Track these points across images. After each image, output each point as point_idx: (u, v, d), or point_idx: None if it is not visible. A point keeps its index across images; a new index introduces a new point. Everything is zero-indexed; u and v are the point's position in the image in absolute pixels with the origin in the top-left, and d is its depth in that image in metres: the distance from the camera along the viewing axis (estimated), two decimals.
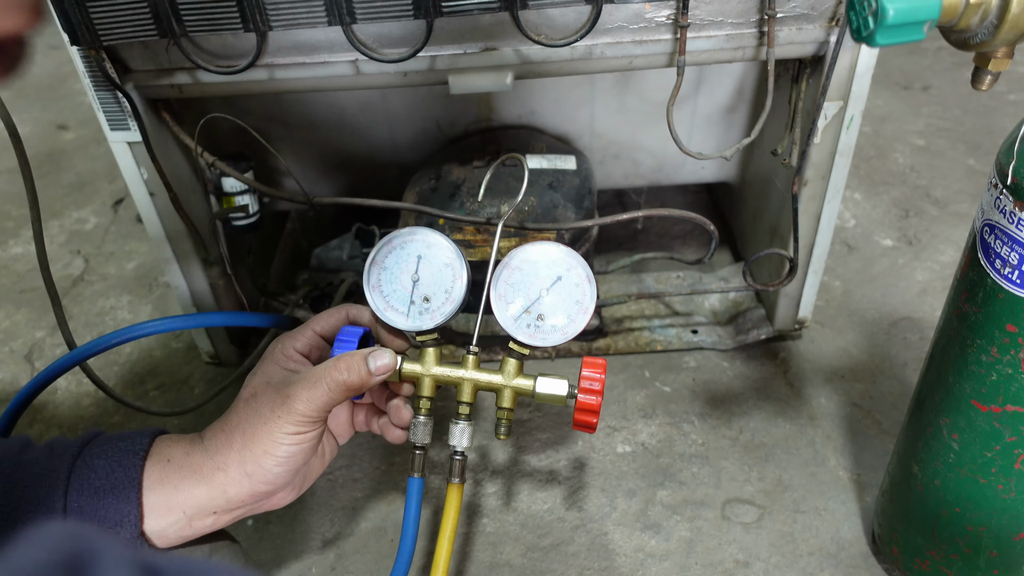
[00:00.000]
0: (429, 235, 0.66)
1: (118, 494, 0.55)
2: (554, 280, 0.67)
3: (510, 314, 0.66)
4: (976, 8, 0.52)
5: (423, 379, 0.67)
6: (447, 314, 0.66)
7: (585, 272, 0.66)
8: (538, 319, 0.66)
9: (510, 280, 0.67)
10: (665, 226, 1.56)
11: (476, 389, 0.67)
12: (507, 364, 0.67)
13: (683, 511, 1.02)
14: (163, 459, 0.58)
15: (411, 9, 0.80)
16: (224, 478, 0.57)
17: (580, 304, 0.66)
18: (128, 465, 0.56)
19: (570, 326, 0.66)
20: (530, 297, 0.66)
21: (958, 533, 0.79)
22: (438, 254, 0.66)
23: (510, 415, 0.68)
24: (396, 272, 0.67)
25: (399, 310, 0.66)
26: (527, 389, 0.67)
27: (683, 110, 1.24)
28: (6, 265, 1.58)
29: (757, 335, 1.24)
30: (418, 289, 0.66)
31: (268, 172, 1.29)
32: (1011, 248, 0.62)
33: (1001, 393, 0.68)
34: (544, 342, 0.66)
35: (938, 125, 1.87)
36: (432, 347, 0.67)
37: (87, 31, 0.81)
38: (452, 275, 0.66)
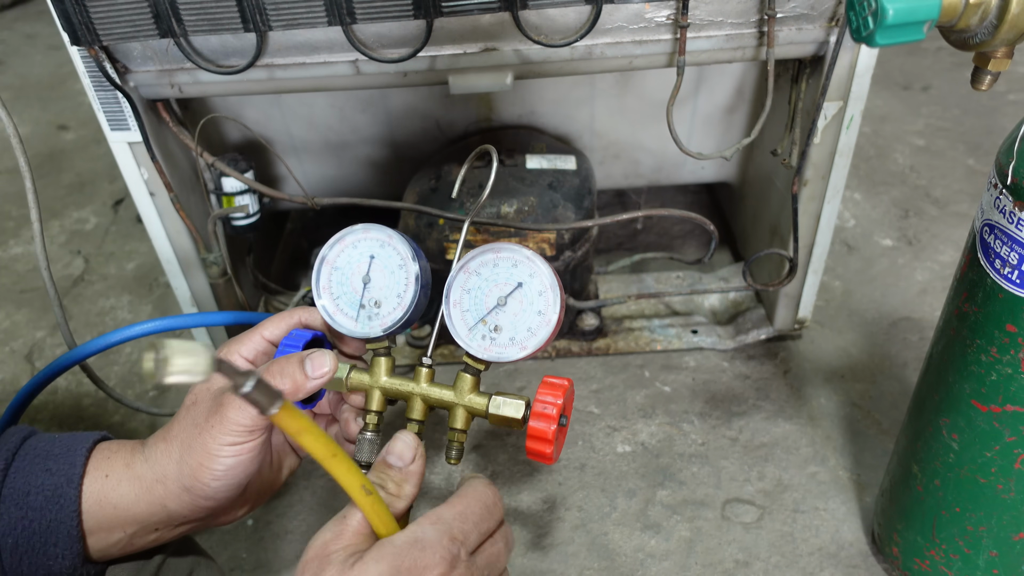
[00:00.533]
0: (384, 233, 0.60)
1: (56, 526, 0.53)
2: (514, 287, 0.59)
3: (464, 323, 0.59)
4: (976, 8, 0.52)
5: (371, 391, 0.60)
6: (397, 320, 0.59)
7: (549, 279, 0.58)
8: (494, 330, 0.59)
9: (466, 285, 0.59)
10: (665, 226, 1.57)
11: (427, 406, 0.60)
12: (461, 380, 0.60)
13: (683, 511, 1.02)
14: (101, 475, 0.54)
15: (411, 9, 0.80)
16: (164, 491, 0.54)
17: (543, 315, 0.58)
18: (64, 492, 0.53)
19: (530, 339, 0.58)
20: (487, 305, 0.59)
21: (958, 533, 0.79)
22: (392, 255, 0.60)
23: (462, 437, 0.60)
24: (347, 272, 0.61)
25: (348, 314, 0.60)
26: (481, 408, 0.59)
27: (683, 110, 1.24)
28: (6, 265, 1.58)
29: (757, 335, 1.24)
30: (368, 292, 0.60)
31: (268, 172, 1.29)
32: (1011, 248, 0.62)
33: (1001, 393, 0.68)
34: (500, 357, 0.58)
35: (938, 125, 1.87)
36: (383, 356, 0.61)
37: (87, 31, 0.81)
38: (405, 278, 0.60)
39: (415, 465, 0.52)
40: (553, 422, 0.56)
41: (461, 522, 0.48)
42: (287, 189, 1.30)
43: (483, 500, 0.51)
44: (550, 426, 0.56)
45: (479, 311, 0.59)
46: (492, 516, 0.51)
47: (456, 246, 0.98)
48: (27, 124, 2.12)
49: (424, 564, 0.45)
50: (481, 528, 0.50)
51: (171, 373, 0.35)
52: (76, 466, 0.54)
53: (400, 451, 0.53)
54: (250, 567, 0.98)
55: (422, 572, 0.45)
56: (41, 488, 0.53)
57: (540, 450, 0.56)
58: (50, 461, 0.54)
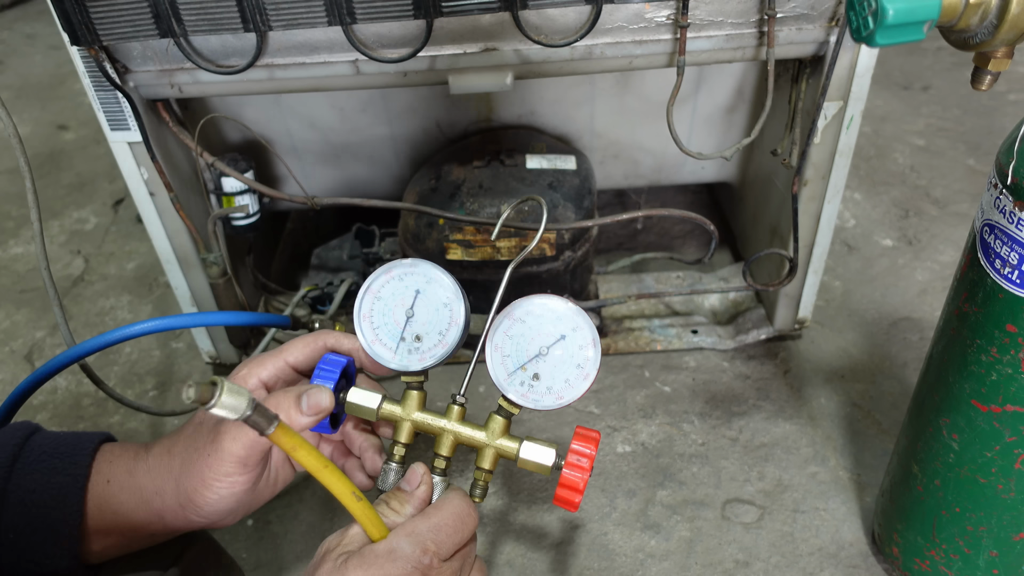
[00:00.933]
0: (431, 270, 0.61)
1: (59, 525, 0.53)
2: (557, 339, 0.61)
3: (504, 368, 0.61)
4: (976, 8, 0.52)
5: (401, 423, 0.61)
6: (438, 357, 0.61)
7: (592, 335, 0.60)
8: (534, 378, 0.61)
9: (510, 332, 0.61)
10: (665, 226, 1.56)
11: (456, 443, 0.61)
12: (493, 422, 0.61)
13: (683, 511, 1.02)
14: (103, 480, 0.55)
15: (411, 9, 0.80)
16: (161, 504, 0.55)
17: (581, 369, 0.60)
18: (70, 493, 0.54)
19: (567, 391, 0.61)
20: (528, 353, 0.61)
21: (958, 533, 0.79)
22: (438, 292, 0.61)
23: (488, 477, 0.62)
24: (391, 304, 0.62)
25: (388, 345, 0.61)
26: (511, 452, 0.61)
27: (683, 110, 1.24)
28: (6, 265, 1.58)
29: (757, 335, 1.24)
30: (411, 326, 0.61)
31: (268, 172, 1.29)
32: (1011, 248, 0.62)
33: (1001, 393, 0.68)
34: (536, 404, 0.61)
35: (938, 125, 1.87)
36: (416, 390, 0.62)
37: (87, 31, 0.81)
38: (449, 317, 0.61)
39: (420, 491, 0.56)
40: (586, 474, 0.59)
41: (435, 534, 0.52)
42: (287, 189, 1.30)
43: (458, 513, 0.55)
44: (583, 477, 0.59)
45: (520, 358, 0.61)
46: (466, 526, 0.55)
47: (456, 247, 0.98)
48: (27, 124, 2.12)
49: (395, 574, 0.49)
50: (454, 539, 0.54)
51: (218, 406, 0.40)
52: (81, 467, 0.54)
53: (409, 478, 0.57)
54: (250, 567, 0.98)
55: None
56: (47, 486, 0.53)
57: (570, 499, 0.59)
58: (56, 460, 0.54)
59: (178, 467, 0.55)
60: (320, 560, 0.52)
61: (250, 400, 0.42)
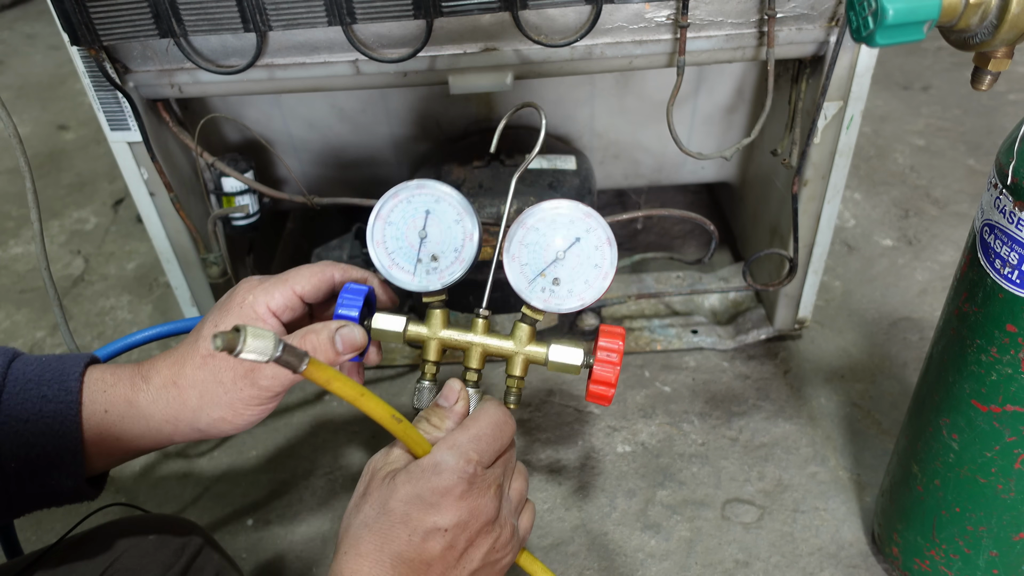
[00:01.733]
0: (439, 188, 0.62)
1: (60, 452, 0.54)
2: (572, 242, 0.62)
3: (524, 276, 0.62)
4: (976, 8, 0.52)
5: (429, 342, 0.63)
6: (456, 274, 0.62)
7: (606, 234, 0.62)
8: (554, 283, 0.62)
9: (525, 240, 0.62)
10: (665, 226, 1.56)
11: (485, 355, 0.63)
12: (519, 330, 0.63)
13: (683, 511, 1.02)
14: (100, 409, 0.56)
15: (411, 9, 0.80)
16: (172, 430, 0.57)
17: (599, 268, 0.62)
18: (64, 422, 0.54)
19: (588, 291, 0.62)
20: (546, 259, 0.62)
21: (958, 533, 0.79)
22: (448, 209, 0.62)
23: (520, 384, 0.64)
24: (402, 228, 0.62)
25: (405, 268, 0.63)
26: (539, 357, 0.63)
27: (683, 110, 1.24)
28: (6, 265, 1.58)
29: (757, 335, 1.24)
30: (425, 247, 0.62)
31: (268, 172, 1.29)
32: (1011, 248, 0.62)
33: (1001, 393, 0.68)
34: (559, 308, 0.62)
35: (938, 125, 1.87)
36: (439, 309, 0.63)
37: (87, 31, 0.81)
38: (463, 233, 0.62)
39: (458, 406, 0.59)
40: (616, 367, 0.60)
41: (476, 443, 0.55)
42: (287, 189, 1.30)
43: (495, 421, 0.57)
44: (614, 370, 0.60)
45: (538, 265, 0.62)
46: (504, 433, 0.57)
47: None
48: (27, 124, 2.12)
49: (443, 485, 0.52)
50: (495, 447, 0.56)
51: (245, 351, 0.41)
52: (72, 392, 0.55)
53: (446, 394, 0.59)
54: (250, 567, 0.98)
55: (442, 493, 0.52)
56: (40, 416, 0.54)
57: (604, 394, 0.61)
58: (44, 387, 0.55)
59: (196, 400, 0.57)
60: (368, 479, 0.55)
61: (276, 341, 0.42)
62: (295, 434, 1.15)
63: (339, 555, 0.52)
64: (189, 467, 1.12)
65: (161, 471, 1.11)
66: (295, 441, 1.14)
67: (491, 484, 0.54)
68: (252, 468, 1.11)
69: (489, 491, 0.54)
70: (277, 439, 1.15)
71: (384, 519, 0.51)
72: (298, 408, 1.19)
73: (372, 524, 0.52)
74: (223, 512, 1.05)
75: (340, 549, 0.52)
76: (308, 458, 1.12)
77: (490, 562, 0.55)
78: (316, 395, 1.21)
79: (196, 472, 1.11)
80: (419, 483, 0.52)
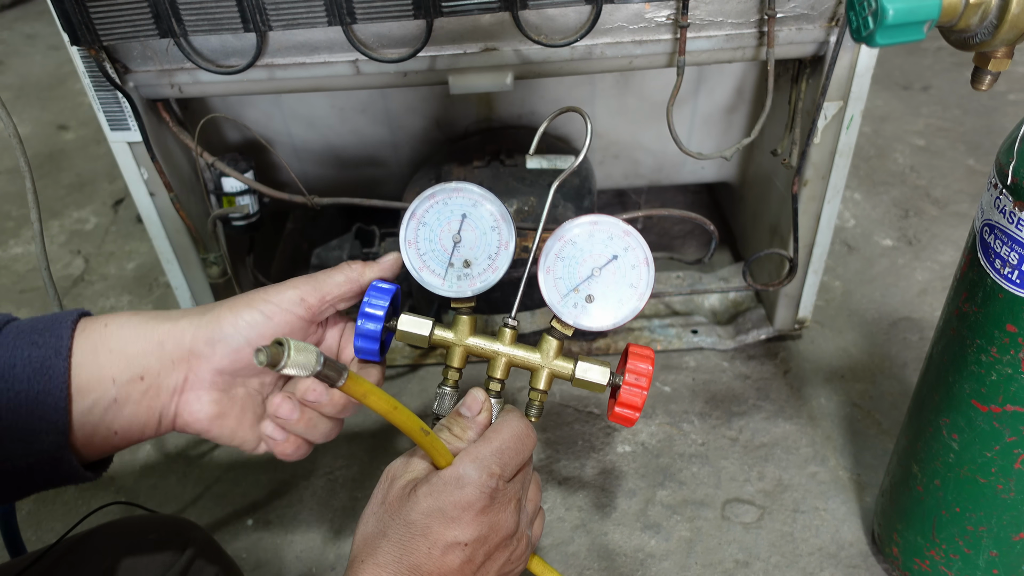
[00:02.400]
0: (476, 192, 0.60)
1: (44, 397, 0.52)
2: (609, 259, 0.60)
3: (557, 291, 0.60)
4: (976, 8, 0.52)
5: (454, 348, 0.61)
6: (489, 282, 0.60)
7: (644, 254, 0.60)
8: (587, 299, 0.60)
9: (561, 253, 0.60)
10: (665, 226, 1.56)
11: (510, 366, 0.62)
12: (546, 343, 0.61)
13: (683, 511, 1.02)
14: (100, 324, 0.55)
15: (411, 9, 0.80)
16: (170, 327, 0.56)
17: (635, 288, 0.60)
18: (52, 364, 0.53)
19: (620, 310, 0.60)
20: (581, 275, 0.60)
21: (958, 533, 0.79)
22: (485, 215, 0.60)
23: (543, 397, 0.62)
24: (436, 230, 0.61)
25: (436, 272, 0.61)
26: (566, 372, 0.61)
27: (683, 110, 1.24)
28: (6, 265, 1.58)
29: (757, 335, 1.24)
30: (459, 251, 0.61)
31: (268, 172, 1.29)
32: (1011, 248, 0.62)
33: (1001, 393, 0.68)
34: (590, 325, 0.60)
35: (938, 125, 1.87)
36: (467, 315, 0.62)
37: (87, 31, 0.81)
38: (498, 240, 0.60)
39: (481, 417, 0.58)
40: (645, 391, 0.59)
41: (499, 457, 0.54)
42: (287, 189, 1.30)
43: (517, 435, 0.57)
44: (643, 394, 0.60)
45: (573, 280, 0.60)
46: (525, 448, 0.57)
47: None
48: (27, 124, 2.12)
49: (465, 500, 0.52)
50: (516, 460, 0.56)
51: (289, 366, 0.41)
52: (63, 338, 0.53)
53: (470, 404, 0.58)
54: (250, 567, 0.98)
55: (464, 508, 0.52)
56: (28, 360, 0.52)
57: (629, 417, 0.60)
58: (35, 335, 0.53)
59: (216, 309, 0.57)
60: (388, 487, 0.54)
61: (318, 355, 0.43)
62: None
63: (355, 562, 0.51)
64: (189, 467, 1.11)
65: (161, 471, 1.11)
66: None
67: (511, 498, 0.55)
68: (252, 468, 1.11)
69: (509, 505, 0.54)
70: None
71: (404, 531, 0.51)
72: None
73: (391, 535, 0.51)
74: (223, 512, 1.05)
75: (357, 557, 0.52)
76: (308, 458, 1.11)
77: (504, 573, 0.55)
78: None
79: (196, 472, 1.11)
80: (441, 496, 0.52)
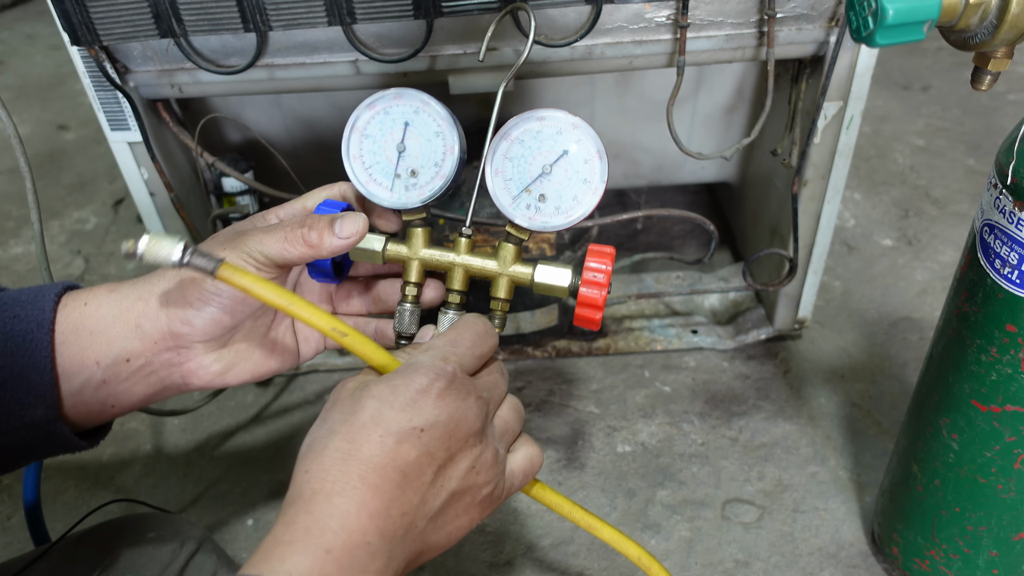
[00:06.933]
0: (418, 98, 0.59)
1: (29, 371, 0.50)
2: (559, 155, 0.58)
3: (508, 192, 0.59)
4: (976, 8, 0.52)
5: (410, 262, 0.60)
6: (435, 190, 0.58)
7: (596, 146, 0.58)
8: (539, 199, 0.59)
9: (508, 153, 0.59)
10: (665, 226, 1.57)
11: (468, 276, 0.60)
12: (504, 249, 0.60)
13: (683, 511, 1.02)
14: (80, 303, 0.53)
15: (411, 9, 0.80)
16: (142, 310, 0.52)
17: (588, 184, 0.58)
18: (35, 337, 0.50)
19: (576, 208, 0.59)
20: (531, 174, 0.59)
21: (958, 533, 0.79)
22: (428, 121, 0.59)
23: (505, 306, 0.61)
24: (380, 141, 0.59)
25: (382, 184, 0.59)
26: (525, 277, 0.60)
27: (683, 110, 1.24)
28: (6, 265, 1.58)
29: (757, 335, 1.24)
30: (404, 161, 0.59)
31: (268, 172, 1.29)
32: (1011, 248, 0.62)
33: (1001, 393, 0.68)
34: (545, 226, 0.59)
35: (938, 125, 1.87)
36: (420, 227, 0.60)
37: (87, 31, 0.81)
38: (443, 146, 0.59)
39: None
40: (604, 289, 0.57)
41: (453, 346, 0.51)
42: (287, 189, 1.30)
43: (474, 328, 0.53)
44: (601, 293, 0.57)
45: (523, 180, 0.59)
46: (485, 342, 0.53)
47: None
48: (27, 124, 2.12)
49: (419, 383, 0.46)
50: (475, 352, 0.52)
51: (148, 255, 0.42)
52: (46, 311, 0.52)
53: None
54: None
55: (418, 391, 0.46)
56: (10, 334, 0.50)
57: (590, 316, 0.58)
58: (18, 308, 0.52)
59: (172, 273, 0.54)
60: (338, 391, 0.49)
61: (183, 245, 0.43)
62: (295, 434, 1.15)
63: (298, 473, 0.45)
64: (189, 467, 1.12)
65: (161, 471, 1.11)
66: (295, 441, 1.14)
67: (471, 391, 0.49)
68: (252, 468, 1.11)
69: (470, 397, 0.48)
70: (277, 439, 1.15)
71: (352, 420, 0.46)
72: (298, 408, 1.19)
73: (339, 429, 0.45)
74: (223, 512, 1.05)
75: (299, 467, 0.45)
76: None
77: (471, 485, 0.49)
78: (316, 395, 1.21)
79: (196, 472, 1.11)
80: (392, 382, 0.47)
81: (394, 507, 0.44)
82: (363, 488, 0.43)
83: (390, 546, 0.44)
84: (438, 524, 0.47)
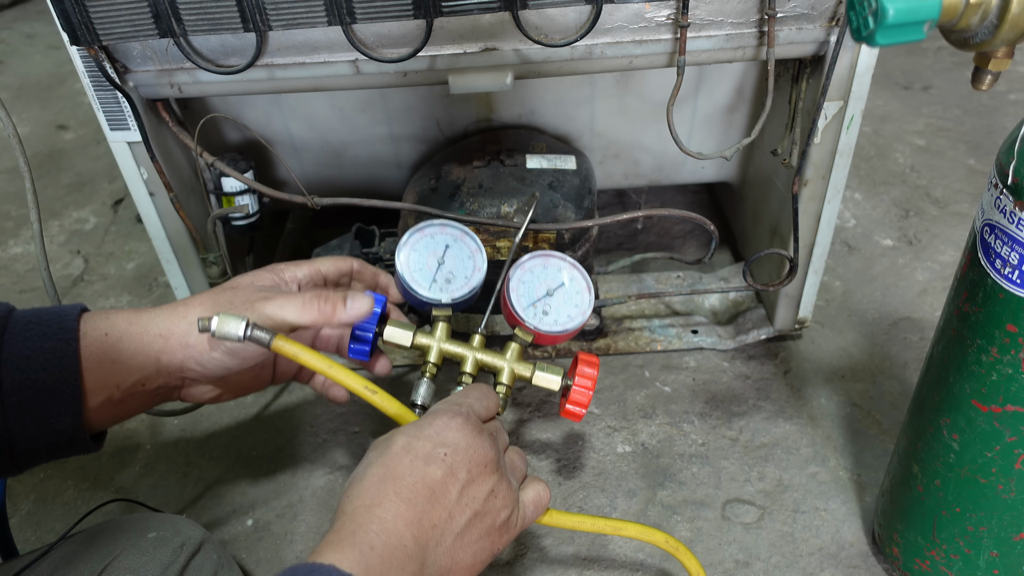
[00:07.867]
0: (458, 230, 0.81)
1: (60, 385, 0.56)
2: (559, 284, 0.81)
3: (520, 304, 0.79)
4: (976, 8, 0.52)
5: (431, 348, 0.75)
6: (464, 294, 0.78)
7: (586, 283, 0.81)
8: (544, 312, 0.80)
9: (523, 278, 0.80)
10: (665, 226, 1.56)
11: (479, 365, 0.76)
12: (510, 347, 0.77)
13: (683, 511, 1.02)
14: (100, 335, 0.59)
15: (411, 9, 0.80)
16: (162, 347, 0.60)
17: (579, 308, 0.81)
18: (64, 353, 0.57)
19: (569, 323, 0.79)
20: (538, 294, 0.80)
21: (958, 533, 0.79)
22: (463, 248, 0.80)
23: (507, 391, 0.76)
24: (424, 255, 0.80)
25: (422, 283, 0.78)
26: (525, 375, 0.76)
27: (683, 110, 1.24)
28: (6, 265, 1.58)
29: (757, 335, 1.24)
30: (441, 271, 0.79)
31: (268, 172, 1.29)
32: (1011, 248, 0.62)
33: (1001, 393, 0.68)
34: (546, 329, 0.79)
35: (938, 125, 1.87)
36: (444, 322, 0.76)
37: (87, 31, 0.81)
38: (473, 265, 0.80)
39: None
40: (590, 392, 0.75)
41: (463, 397, 0.62)
42: (287, 189, 1.30)
43: (479, 388, 0.66)
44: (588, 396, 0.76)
45: (532, 296, 0.80)
46: (488, 399, 0.65)
47: None
48: (27, 124, 2.12)
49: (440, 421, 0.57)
50: (481, 404, 0.63)
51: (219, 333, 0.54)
52: (71, 330, 0.58)
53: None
54: (250, 567, 0.98)
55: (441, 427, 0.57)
56: (40, 351, 0.56)
57: (577, 413, 0.77)
58: (43, 327, 0.57)
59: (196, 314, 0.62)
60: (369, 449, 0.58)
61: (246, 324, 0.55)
62: (295, 434, 1.15)
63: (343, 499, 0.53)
64: (189, 467, 1.11)
65: (161, 471, 1.11)
66: (295, 441, 1.14)
67: (483, 428, 0.59)
68: (252, 468, 1.11)
69: (483, 432, 0.58)
70: (277, 439, 1.15)
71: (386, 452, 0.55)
72: (298, 408, 1.19)
73: (374, 461, 0.55)
74: (223, 512, 1.05)
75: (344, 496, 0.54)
76: (308, 458, 1.12)
77: (491, 508, 0.56)
78: (316, 395, 1.21)
79: (196, 472, 1.11)
80: (417, 423, 0.58)
81: (425, 518, 0.52)
82: (398, 501, 0.52)
83: (423, 552, 0.51)
84: (464, 542, 0.54)
